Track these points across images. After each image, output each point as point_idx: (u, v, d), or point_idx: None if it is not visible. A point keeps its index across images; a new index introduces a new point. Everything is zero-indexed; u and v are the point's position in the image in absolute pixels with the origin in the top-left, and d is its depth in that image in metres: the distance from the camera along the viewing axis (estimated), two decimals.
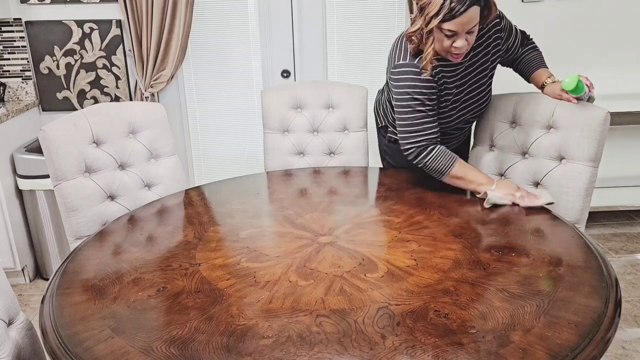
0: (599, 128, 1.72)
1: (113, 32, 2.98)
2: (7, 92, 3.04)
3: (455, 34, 1.62)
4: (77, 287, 1.30)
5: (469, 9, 1.56)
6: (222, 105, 3.23)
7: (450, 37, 1.63)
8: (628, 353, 2.20)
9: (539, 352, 1.00)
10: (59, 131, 1.77)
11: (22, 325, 1.31)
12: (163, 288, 1.28)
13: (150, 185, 2.00)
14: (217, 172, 3.34)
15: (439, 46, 1.67)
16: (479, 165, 2.03)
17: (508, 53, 1.91)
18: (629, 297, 2.57)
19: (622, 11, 3.06)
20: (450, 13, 1.57)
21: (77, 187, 1.79)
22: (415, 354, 1.01)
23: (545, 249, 1.39)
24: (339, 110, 2.32)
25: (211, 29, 3.09)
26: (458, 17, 1.57)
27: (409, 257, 1.37)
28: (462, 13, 1.56)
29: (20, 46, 2.99)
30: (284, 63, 3.14)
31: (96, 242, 1.56)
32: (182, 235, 1.57)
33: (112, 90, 3.08)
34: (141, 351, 1.04)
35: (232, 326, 1.11)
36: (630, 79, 3.16)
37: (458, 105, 1.86)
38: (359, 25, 3.08)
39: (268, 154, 2.32)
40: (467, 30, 1.61)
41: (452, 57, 1.70)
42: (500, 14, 1.83)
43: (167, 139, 2.04)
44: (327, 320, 1.12)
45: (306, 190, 1.92)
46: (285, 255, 1.41)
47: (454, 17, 1.57)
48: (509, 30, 1.87)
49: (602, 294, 1.18)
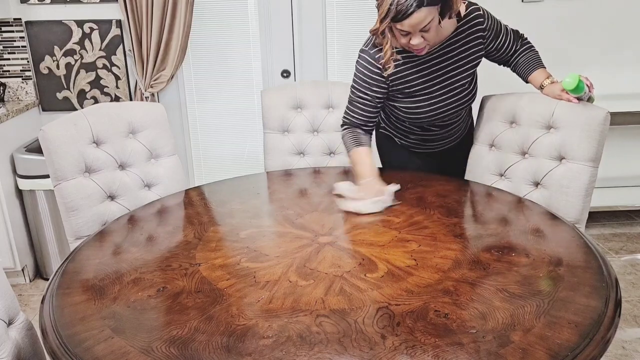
0: (599, 128, 1.72)
1: (113, 32, 2.98)
2: (7, 92, 3.04)
3: (409, 33, 1.63)
4: (77, 287, 1.30)
5: (416, 10, 1.55)
6: (222, 105, 3.23)
7: (405, 35, 1.64)
8: (628, 353, 2.20)
9: (539, 352, 1.00)
10: (59, 131, 1.77)
11: (22, 326, 1.31)
12: (163, 288, 1.28)
13: (150, 185, 2.00)
14: (217, 172, 3.34)
15: (399, 42, 1.70)
16: (479, 165, 2.03)
17: (499, 53, 1.91)
18: (629, 297, 2.57)
19: (622, 11, 3.06)
20: (396, 16, 1.57)
21: (77, 187, 1.79)
22: (415, 354, 1.01)
23: (545, 249, 1.39)
24: (339, 110, 2.32)
25: (211, 29, 3.09)
26: (406, 19, 1.57)
27: (409, 257, 1.37)
28: (409, 16, 1.56)
29: (20, 46, 2.99)
30: (284, 63, 3.14)
31: (96, 242, 1.56)
32: (182, 235, 1.57)
33: (112, 90, 3.08)
34: (141, 351, 1.04)
35: (232, 326, 1.11)
36: (630, 79, 3.16)
37: (430, 99, 1.86)
38: (359, 25, 3.08)
39: (268, 154, 2.32)
40: (419, 29, 1.61)
41: (414, 52, 1.73)
42: (485, 14, 1.83)
43: (167, 139, 2.04)
44: (327, 320, 1.12)
45: (306, 190, 1.92)
46: (285, 255, 1.41)
47: (402, 19, 1.58)
48: (496, 30, 1.86)
49: (602, 294, 1.18)
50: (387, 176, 2.04)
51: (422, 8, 1.56)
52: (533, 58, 1.92)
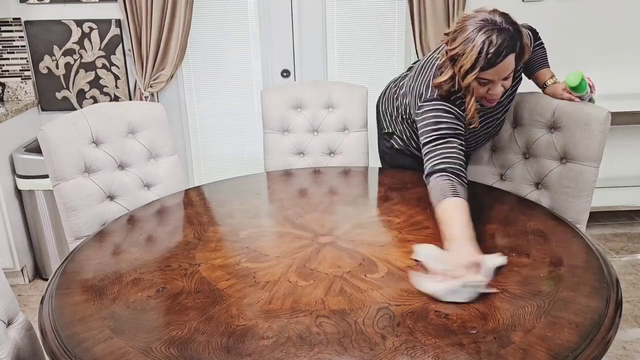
0: (600, 128, 1.72)
1: (112, 31, 2.97)
2: (6, 92, 3.04)
3: (490, 82, 1.53)
4: (76, 287, 1.30)
5: (506, 58, 1.46)
6: (222, 105, 3.23)
7: (485, 84, 1.54)
8: (629, 353, 2.20)
9: (539, 352, 1.00)
10: (58, 131, 1.77)
11: (22, 326, 1.30)
12: (163, 288, 1.27)
13: (150, 185, 2.00)
14: (216, 172, 3.33)
15: (475, 92, 1.57)
16: (480, 165, 2.03)
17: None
18: (630, 298, 2.57)
19: (622, 11, 3.05)
20: (487, 64, 1.46)
21: (76, 187, 1.78)
22: (416, 355, 1.00)
23: (545, 249, 1.39)
24: (339, 110, 2.32)
25: (211, 29, 3.09)
26: (494, 67, 1.48)
27: (409, 257, 1.37)
28: (499, 63, 1.47)
29: (19, 46, 2.99)
30: (284, 63, 3.14)
31: (95, 242, 1.56)
32: (182, 235, 1.57)
33: (111, 90, 3.07)
34: (141, 351, 1.04)
35: (231, 327, 1.11)
36: (630, 78, 3.16)
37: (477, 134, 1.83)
38: (359, 25, 3.08)
39: (268, 154, 2.32)
40: (503, 77, 1.52)
41: (486, 103, 1.62)
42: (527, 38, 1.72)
43: (166, 139, 2.04)
44: (327, 320, 1.12)
45: (306, 190, 1.92)
46: (285, 255, 1.41)
47: (491, 67, 1.47)
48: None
49: (602, 294, 1.18)
50: (387, 176, 2.04)
51: (511, 54, 1.47)
52: (541, 56, 1.91)
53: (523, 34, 1.51)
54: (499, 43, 1.44)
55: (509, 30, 1.46)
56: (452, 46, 1.52)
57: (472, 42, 1.46)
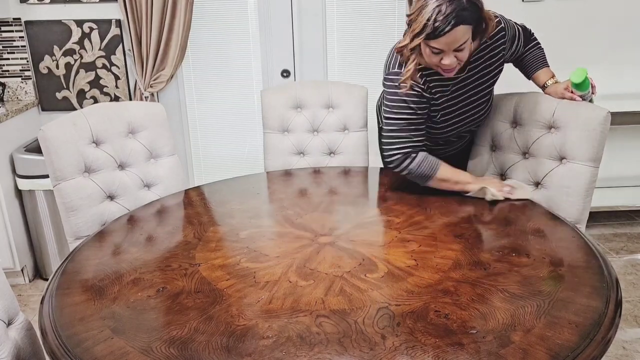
0: (600, 128, 1.72)
1: (112, 31, 2.97)
2: (6, 92, 3.04)
3: (442, 52, 1.57)
4: (76, 287, 1.30)
5: (455, 28, 1.50)
6: (222, 105, 3.23)
7: (437, 54, 1.58)
8: (629, 353, 2.20)
9: (539, 352, 1.00)
10: (59, 131, 1.77)
11: (22, 326, 1.30)
12: (163, 288, 1.27)
13: (150, 185, 2.00)
14: (216, 172, 3.33)
15: (429, 60, 1.62)
16: (480, 165, 2.03)
17: (511, 56, 1.89)
18: (630, 298, 2.57)
19: (622, 11, 3.05)
20: (434, 32, 1.51)
21: (76, 187, 1.78)
22: (416, 355, 1.00)
23: (545, 249, 1.39)
24: (339, 110, 2.32)
25: (211, 29, 3.09)
26: (442, 37, 1.52)
27: (409, 257, 1.37)
28: (446, 33, 1.50)
29: (19, 46, 2.99)
30: (284, 63, 3.14)
31: (96, 242, 1.56)
32: (182, 235, 1.57)
33: (111, 90, 3.08)
34: (141, 351, 1.04)
35: (232, 326, 1.11)
36: (630, 78, 3.16)
37: (456, 116, 1.83)
38: (359, 25, 3.08)
39: (268, 154, 2.32)
40: (454, 48, 1.55)
41: (442, 72, 1.66)
42: (505, 25, 1.77)
43: (166, 139, 2.04)
44: (327, 320, 1.12)
45: (306, 190, 1.92)
46: (285, 255, 1.41)
47: (438, 36, 1.52)
48: (512, 37, 1.82)
49: (602, 294, 1.18)
50: (387, 176, 2.04)
51: (460, 26, 1.50)
52: (539, 56, 1.91)
53: (481, 9, 1.56)
54: (448, 12, 1.49)
55: (461, 2, 1.50)
56: (410, 12, 1.60)
57: (425, 8, 1.52)
